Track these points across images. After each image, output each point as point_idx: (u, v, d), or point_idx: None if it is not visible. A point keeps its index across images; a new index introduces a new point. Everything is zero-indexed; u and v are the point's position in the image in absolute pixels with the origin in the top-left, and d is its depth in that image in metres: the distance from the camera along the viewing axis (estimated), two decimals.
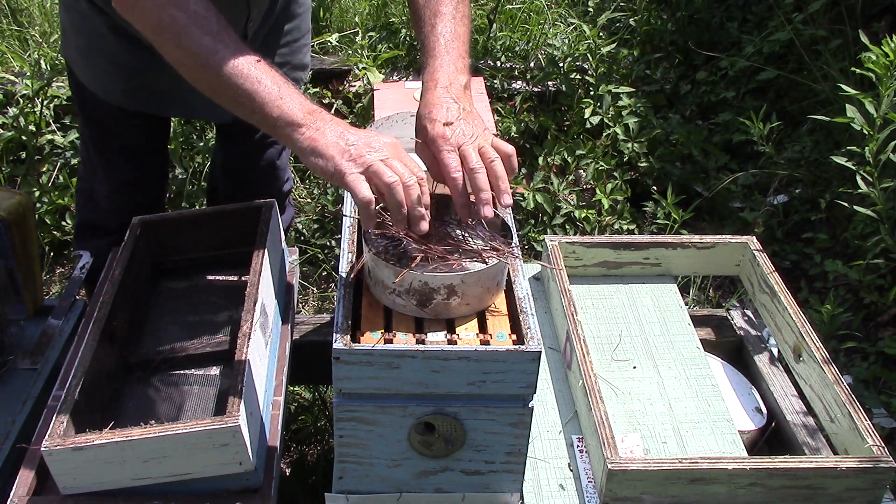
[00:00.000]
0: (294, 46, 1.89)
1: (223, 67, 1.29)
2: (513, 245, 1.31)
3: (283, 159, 2.10)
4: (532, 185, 2.90)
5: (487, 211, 1.26)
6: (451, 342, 1.21)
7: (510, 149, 1.33)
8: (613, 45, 3.46)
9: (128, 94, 1.77)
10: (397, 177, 1.22)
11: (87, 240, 1.99)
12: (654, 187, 3.06)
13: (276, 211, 1.64)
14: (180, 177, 2.92)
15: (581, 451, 1.42)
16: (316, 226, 2.94)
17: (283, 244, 1.73)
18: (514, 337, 1.23)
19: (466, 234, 1.33)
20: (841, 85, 2.36)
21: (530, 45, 3.72)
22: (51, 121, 3.06)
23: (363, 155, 1.24)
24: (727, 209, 3.02)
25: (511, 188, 1.31)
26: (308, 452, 2.22)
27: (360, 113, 3.22)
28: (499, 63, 3.57)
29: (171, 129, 2.92)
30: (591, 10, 3.94)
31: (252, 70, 1.29)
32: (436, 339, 1.21)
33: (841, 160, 2.42)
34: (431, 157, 1.33)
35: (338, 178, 1.24)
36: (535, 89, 3.41)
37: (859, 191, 2.34)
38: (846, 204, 2.48)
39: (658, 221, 2.90)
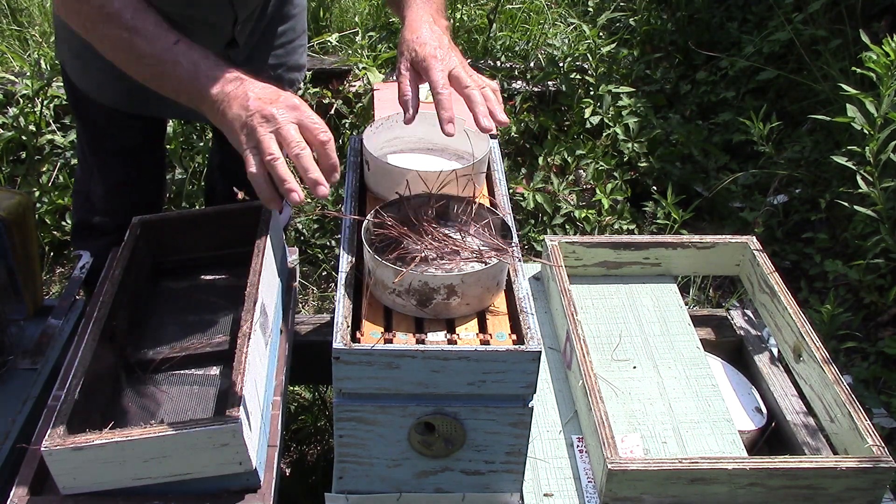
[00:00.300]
0: (289, 48, 1.89)
1: (143, 58, 1.34)
2: (513, 245, 1.31)
3: None
4: (532, 185, 2.90)
5: (486, 122, 1.29)
6: (451, 342, 1.21)
7: (494, 84, 1.35)
8: (613, 45, 3.46)
9: (122, 95, 1.77)
10: (278, 155, 1.21)
11: (85, 240, 1.99)
12: (654, 187, 3.06)
13: (276, 211, 1.64)
14: (180, 177, 2.92)
15: (581, 451, 1.42)
16: (316, 226, 2.94)
17: (283, 244, 1.73)
18: (514, 337, 1.23)
19: (466, 235, 1.34)
20: (841, 85, 2.36)
21: (530, 45, 3.72)
22: (51, 121, 3.06)
23: (255, 128, 1.24)
24: (727, 209, 3.02)
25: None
26: (308, 452, 2.22)
27: (360, 113, 3.22)
28: (499, 63, 3.57)
29: (171, 130, 2.92)
30: (591, 10, 3.94)
31: (168, 55, 1.33)
32: (436, 339, 1.21)
33: (841, 160, 2.42)
34: (415, 80, 1.34)
35: (241, 155, 1.26)
36: (535, 89, 3.41)
37: (859, 191, 2.34)
38: (846, 204, 2.48)
39: (658, 221, 2.90)
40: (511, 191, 2.78)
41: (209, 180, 2.28)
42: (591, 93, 3.25)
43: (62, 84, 3.06)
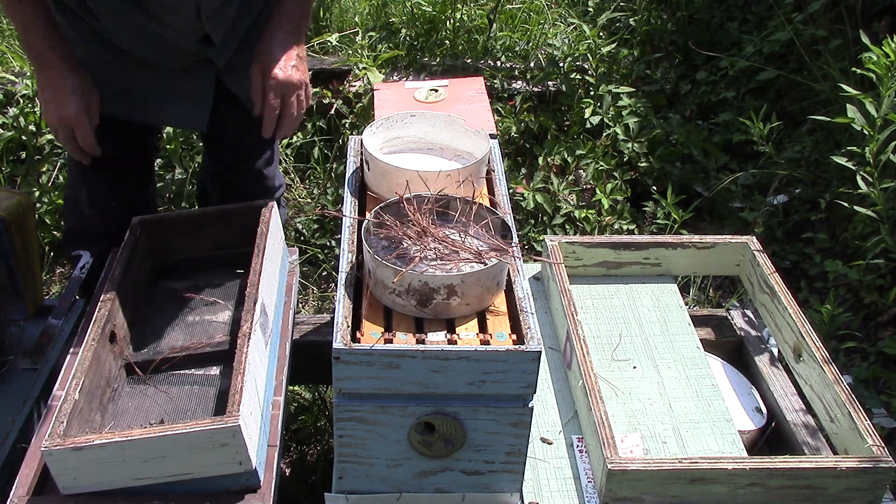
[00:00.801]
0: None
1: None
2: (513, 245, 1.31)
3: (272, 167, 2.08)
4: (532, 185, 2.90)
5: (267, 134, 1.68)
6: (451, 342, 1.21)
7: (303, 110, 1.72)
8: (613, 45, 3.46)
9: (112, 101, 1.74)
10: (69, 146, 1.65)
11: (75, 244, 1.97)
12: (654, 187, 3.06)
13: (276, 211, 1.64)
14: (180, 177, 2.91)
15: (581, 451, 1.42)
16: (316, 226, 2.94)
17: (283, 244, 1.73)
18: (514, 337, 1.23)
19: (466, 235, 1.34)
20: (841, 85, 2.36)
21: (530, 45, 3.72)
22: None
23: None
24: (727, 209, 3.02)
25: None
26: (308, 452, 2.22)
27: (360, 113, 3.21)
28: (499, 63, 3.57)
29: (171, 130, 2.92)
30: (591, 10, 3.94)
31: (17, 20, 1.59)
32: (436, 339, 1.21)
33: (841, 160, 2.42)
34: (260, 77, 1.65)
35: None
36: (535, 89, 3.41)
37: (859, 191, 2.34)
38: (846, 204, 2.48)
39: (658, 221, 2.90)
40: (511, 191, 2.78)
41: (201, 183, 2.27)
42: (591, 93, 3.25)
43: None
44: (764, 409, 1.61)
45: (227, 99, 1.81)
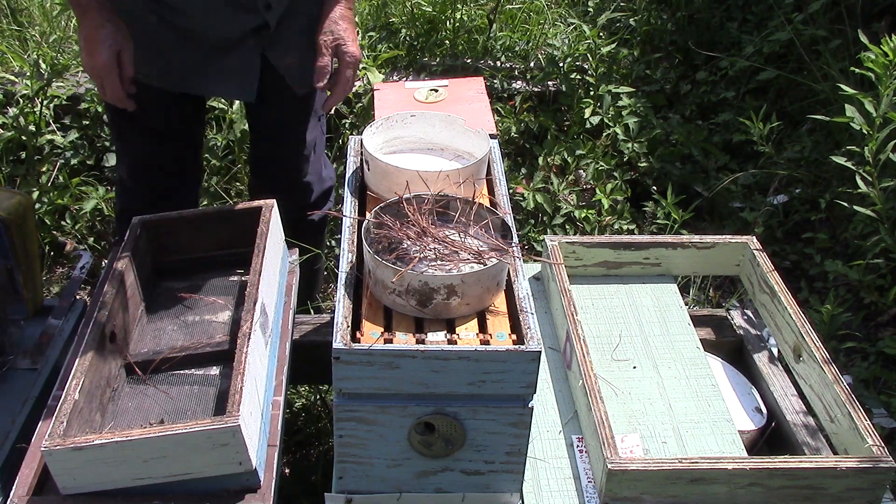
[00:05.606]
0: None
1: None
2: (513, 245, 1.31)
3: (308, 161, 2.07)
4: (532, 185, 2.90)
5: (326, 108, 1.86)
6: (451, 342, 1.21)
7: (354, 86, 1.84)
8: (613, 45, 3.46)
9: (141, 66, 1.75)
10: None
11: (126, 224, 2.02)
12: (654, 187, 3.06)
13: (275, 211, 1.64)
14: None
15: (581, 451, 1.42)
16: None
17: (283, 244, 1.73)
18: (514, 337, 1.23)
19: (466, 235, 1.34)
20: (841, 85, 2.36)
21: (530, 45, 3.72)
22: (51, 121, 3.06)
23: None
24: (727, 209, 3.02)
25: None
26: (308, 452, 2.22)
27: (360, 113, 3.21)
28: (499, 63, 3.57)
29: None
30: (591, 10, 3.94)
31: None
32: (436, 339, 1.21)
33: (841, 160, 2.42)
34: (328, 50, 1.72)
35: None
36: (535, 89, 3.41)
37: (859, 191, 2.34)
38: (846, 204, 2.48)
39: (658, 221, 2.90)
40: (511, 191, 2.77)
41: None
42: (591, 93, 3.25)
43: (63, 84, 3.07)
44: (764, 409, 1.61)
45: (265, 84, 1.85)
